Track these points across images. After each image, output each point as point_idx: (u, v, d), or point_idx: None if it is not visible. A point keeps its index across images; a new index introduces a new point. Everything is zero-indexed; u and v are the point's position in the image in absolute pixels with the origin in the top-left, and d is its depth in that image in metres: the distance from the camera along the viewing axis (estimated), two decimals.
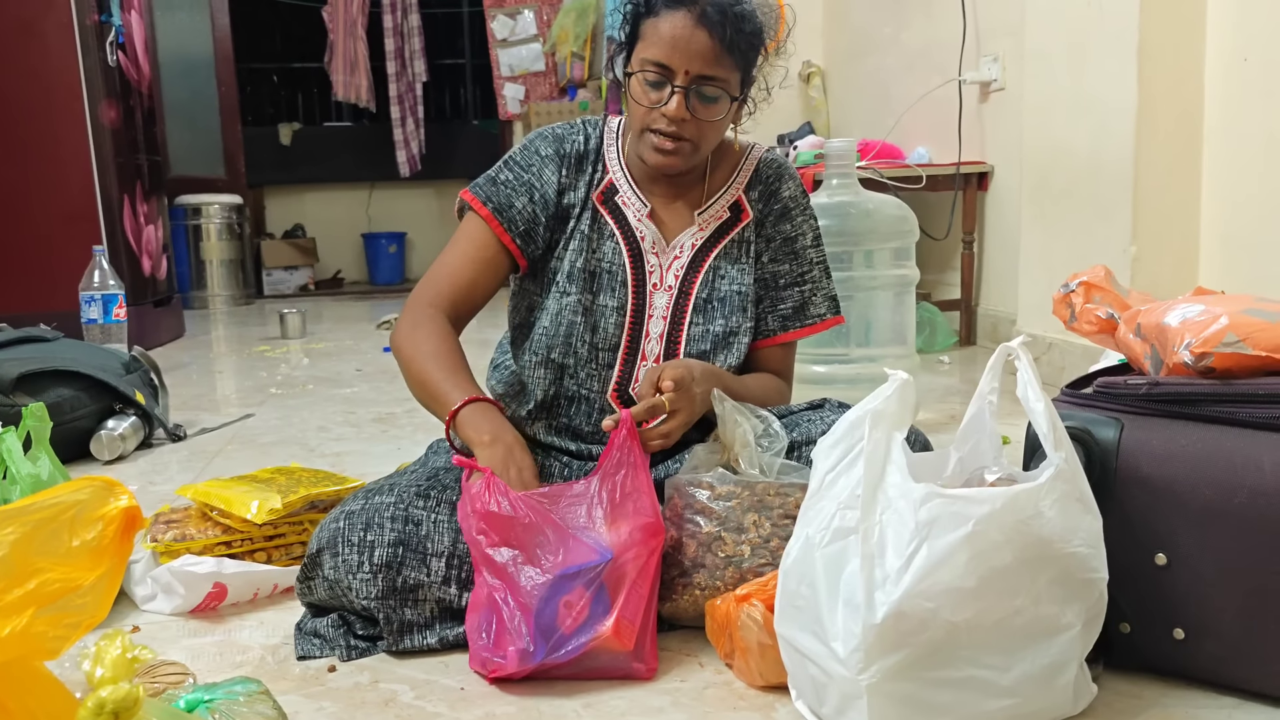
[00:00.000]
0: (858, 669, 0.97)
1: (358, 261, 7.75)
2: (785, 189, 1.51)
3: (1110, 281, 1.34)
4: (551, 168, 1.47)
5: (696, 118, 1.36)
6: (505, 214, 1.45)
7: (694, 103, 1.35)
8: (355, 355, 3.94)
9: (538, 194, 1.46)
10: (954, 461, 1.14)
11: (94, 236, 3.82)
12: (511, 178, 1.47)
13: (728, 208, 1.50)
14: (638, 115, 1.39)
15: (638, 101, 1.37)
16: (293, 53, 8.21)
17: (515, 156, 1.49)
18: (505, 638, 1.14)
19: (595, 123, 1.52)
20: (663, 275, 1.47)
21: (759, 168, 1.52)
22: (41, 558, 0.87)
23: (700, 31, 1.32)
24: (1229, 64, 2.40)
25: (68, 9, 3.79)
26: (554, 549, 1.16)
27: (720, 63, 1.33)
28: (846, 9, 4.57)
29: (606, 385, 1.45)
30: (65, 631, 0.88)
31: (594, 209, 1.47)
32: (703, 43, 1.32)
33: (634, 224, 1.47)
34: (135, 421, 2.38)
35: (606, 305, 1.45)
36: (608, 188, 1.48)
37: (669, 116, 1.35)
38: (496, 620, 1.15)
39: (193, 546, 1.46)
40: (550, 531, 1.17)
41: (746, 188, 1.51)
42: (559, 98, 6.29)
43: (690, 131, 1.36)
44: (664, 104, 1.35)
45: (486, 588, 1.17)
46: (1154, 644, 1.12)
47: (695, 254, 1.48)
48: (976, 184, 3.62)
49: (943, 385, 2.96)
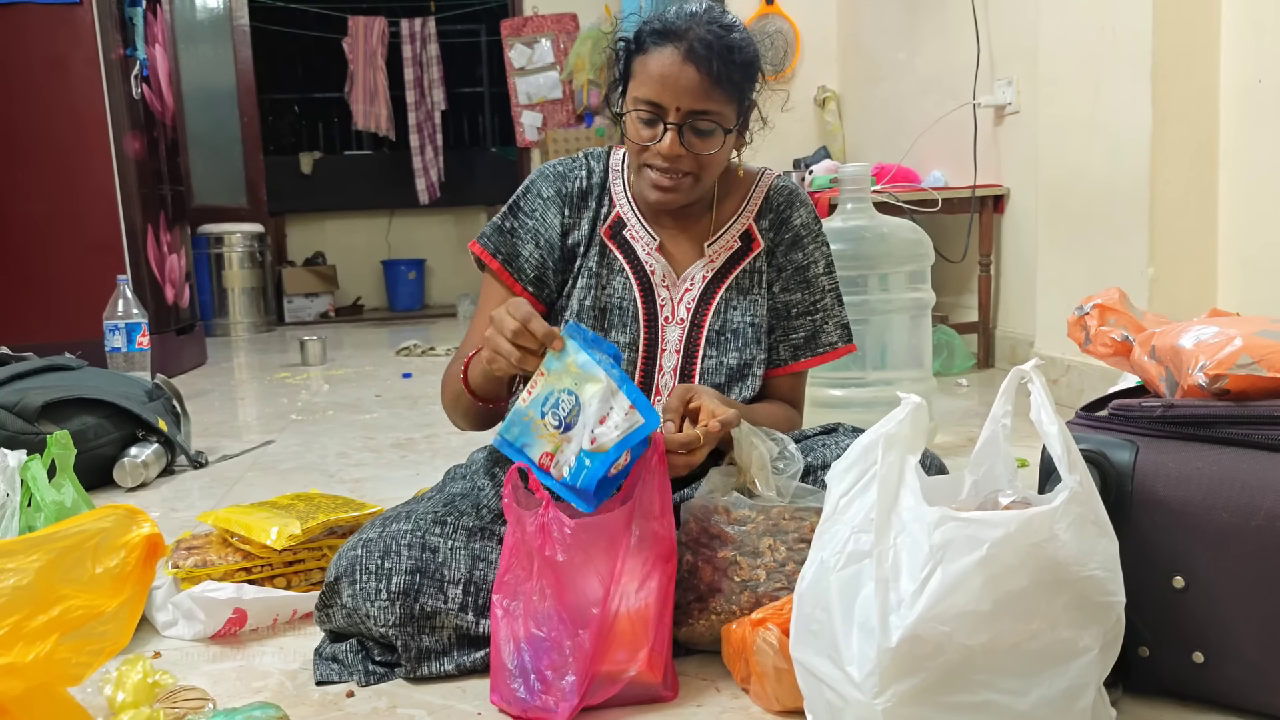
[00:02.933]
0: (873, 693, 0.97)
1: (377, 288, 7.81)
2: (796, 217, 1.50)
3: (1125, 304, 1.34)
4: (554, 209, 1.47)
5: (692, 152, 1.35)
6: (514, 264, 1.46)
7: (688, 138, 1.34)
8: (375, 381, 3.96)
9: (543, 239, 1.46)
10: (968, 485, 1.14)
11: (118, 266, 3.87)
12: (516, 225, 1.47)
13: (738, 237, 1.49)
14: (635, 153, 1.39)
15: (633, 140, 1.37)
16: (313, 83, 8.32)
17: (519, 202, 1.49)
18: (553, 690, 1.13)
19: (599, 155, 1.52)
20: (674, 309, 1.46)
21: (769, 195, 1.51)
22: (65, 585, 0.88)
23: (689, 67, 1.30)
24: (1243, 86, 2.40)
25: (94, 44, 3.86)
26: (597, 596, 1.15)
27: (711, 97, 1.32)
28: (861, 34, 4.59)
29: None
30: (88, 658, 0.90)
31: (601, 244, 1.47)
32: (691, 78, 1.30)
33: (643, 258, 1.47)
34: (158, 449, 2.41)
35: (619, 341, 1.44)
36: (615, 221, 1.48)
37: (663, 154, 1.34)
38: (539, 678, 1.14)
39: (213, 572, 1.47)
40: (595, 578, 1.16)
41: (757, 216, 1.50)
42: (576, 125, 6.34)
43: (688, 165, 1.36)
44: (658, 140, 1.34)
45: (529, 636, 1.15)
46: (1173, 667, 1.11)
47: (706, 286, 1.47)
48: (993, 207, 3.62)
49: (961, 408, 2.95)
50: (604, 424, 1.18)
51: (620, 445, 1.17)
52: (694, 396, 1.30)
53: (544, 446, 1.21)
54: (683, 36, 1.31)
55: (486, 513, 1.36)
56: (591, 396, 1.19)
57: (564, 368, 1.21)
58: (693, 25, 1.32)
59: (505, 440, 1.24)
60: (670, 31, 1.32)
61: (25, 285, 3.89)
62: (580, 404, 1.19)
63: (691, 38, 1.31)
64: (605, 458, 1.17)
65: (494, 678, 1.18)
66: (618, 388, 1.19)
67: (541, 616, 1.15)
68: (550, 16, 6.45)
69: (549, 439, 1.21)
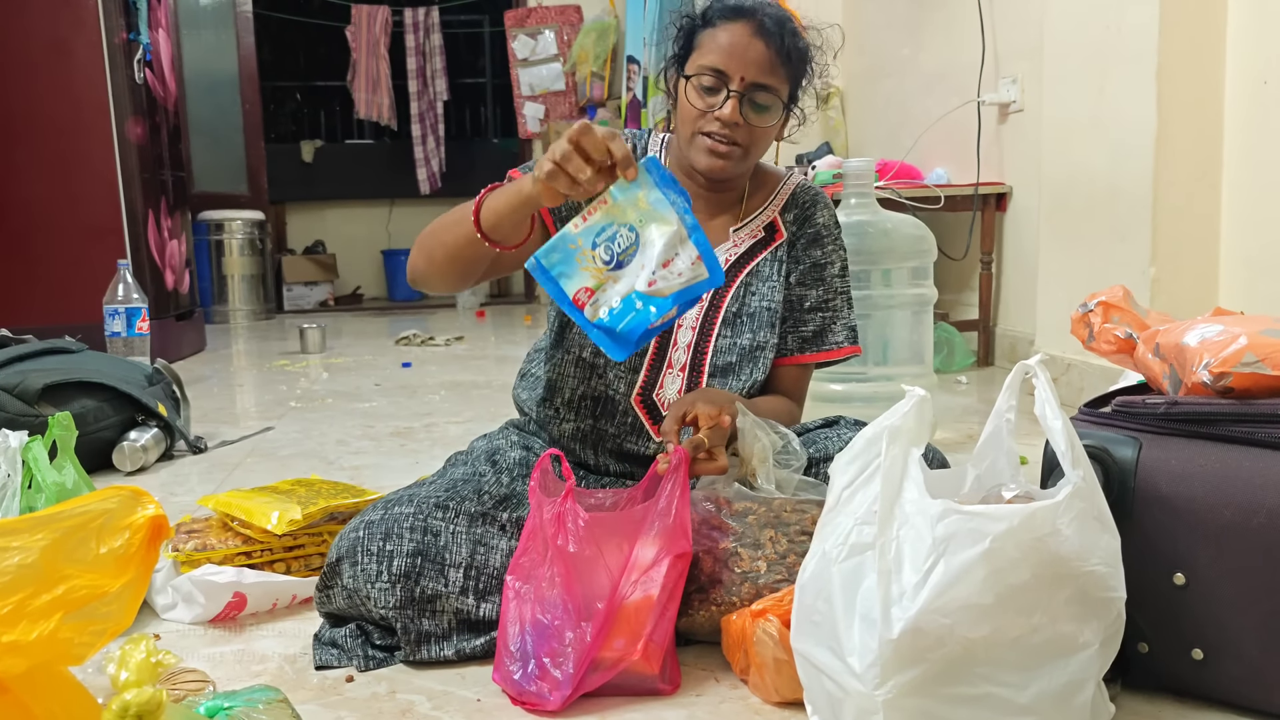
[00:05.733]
0: (874, 684, 0.97)
1: (377, 278, 7.80)
2: (820, 216, 1.55)
3: (1129, 301, 1.34)
4: None
5: (749, 124, 1.40)
6: None
7: (747, 109, 1.39)
8: (374, 370, 3.96)
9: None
10: (971, 478, 1.14)
11: (119, 251, 3.87)
12: None
13: (763, 227, 1.53)
14: (690, 119, 1.42)
15: (693, 105, 1.41)
16: (316, 71, 8.31)
17: None
18: (548, 678, 1.13)
19: (642, 134, 1.56)
20: None
21: (795, 193, 1.56)
22: (69, 564, 0.88)
23: (758, 41, 1.38)
24: (1249, 87, 2.40)
25: (97, 28, 3.86)
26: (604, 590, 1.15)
27: (775, 72, 1.39)
28: (865, 30, 4.59)
29: (631, 389, 1.47)
30: (90, 638, 0.89)
31: None
32: (760, 51, 1.38)
33: None
34: (157, 433, 2.41)
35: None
36: None
37: (723, 120, 1.39)
38: (537, 664, 1.14)
39: (213, 556, 1.48)
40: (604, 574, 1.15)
41: (783, 210, 1.55)
42: (579, 117, 6.34)
43: (742, 137, 1.40)
44: (719, 108, 1.39)
45: (534, 621, 1.16)
46: (1172, 664, 1.12)
47: (729, 268, 1.50)
48: (995, 204, 3.62)
49: (960, 405, 2.95)
50: (667, 268, 1.09)
51: (678, 296, 1.09)
52: (687, 409, 1.32)
53: (584, 281, 1.11)
54: (754, 15, 1.39)
55: (488, 498, 1.36)
56: (657, 237, 1.10)
57: (631, 201, 1.12)
58: (761, 7, 1.40)
59: (541, 266, 1.14)
60: (741, 10, 1.40)
61: (26, 268, 3.89)
62: (640, 242, 1.10)
63: (762, 15, 1.39)
64: (661, 304, 1.09)
65: (497, 656, 1.19)
66: (688, 235, 1.11)
67: (548, 603, 1.15)
68: (554, 8, 6.44)
69: (593, 273, 1.11)
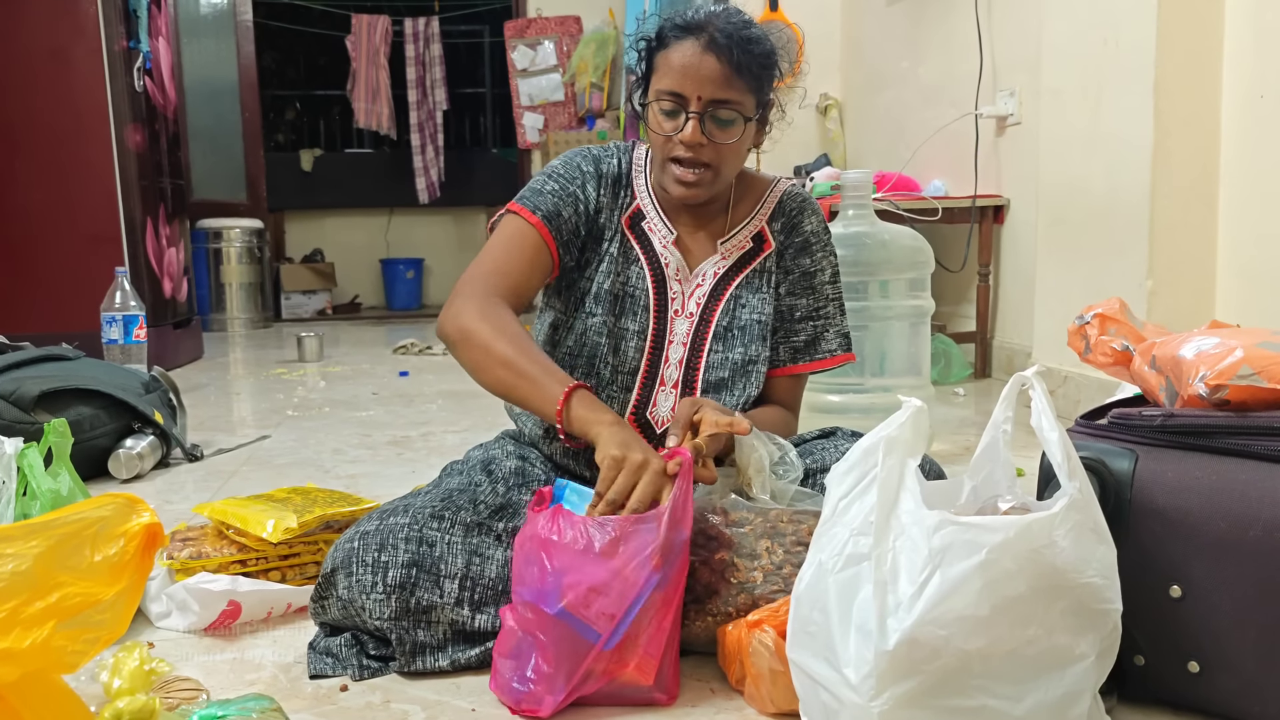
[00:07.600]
0: (870, 696, 0.97)
1: (375, 287, 7.81)
2: (808, 223, 1.54)
3: (1125, 314, 1.34)
4: (593, 184, 1.50)
5: (713, 142, 1.39)
6: (554, 222, 1.46)
7: (709, 127, 1.38)
8: (371, 379, 3.96)
9: (581, 206, 1.48)
10: (968, 490, 1.14)
11: (116, 258, 3.86)
12: (557, 188, 1.48)
13: (750, 238, 1.52)
14: (658, 146, 1.42)
15: (657, 132, 1.41)
16: (316, 80, 8.33)
17: (558, 170, 1.51)
18: (543, 686, 1.13)
19: (626, 148, 1.56)
20: (684, 302, 1.49)
21: (783, 200, 1.55)
22: (63, 572, 0.88)
23: (709, 57, 1.35)
24: (1245, 100, 2.41)
25: (97, 35, 3.86)
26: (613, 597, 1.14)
27: (731, 85, 1.36)
28: (864, 43, 4.60)
29: (624, 408, 1.46)
30: (84, 646, 0.89)
31: (622, 233, 1.50)
32: (712, 67, 1.35)
33: (659, 250, 1.50)
34: (153, 441, 2.40)
35: (628, 329, 1.47)
36: (635, 213, 1.51)
37: (685, 142, 1.38)
38: (534, 668, 1.14)
39: (208, 564, 1.47)
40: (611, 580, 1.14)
41: (770, 219, 1.54)
42: (578, 127, 6.35)
43: (709, 156, 1.39)
44: (680, 131, 1.38)
45: (528, 632, 1.15)
46: (1168, 676, 1.12)
47: (717, 282, 1.50)
48: (992, 217, 3.62)
49: (957, 417, 2.95)
50: None
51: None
52: (699, 409, 1.32)
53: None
54: (703, 29, 1.37)
55: (484, 508, 1.36)
56: None
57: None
58: (712, 19, 1.37)
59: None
60: (691, 25, 1.38)
61: (23, 275, 3.89)
62: None
63: (711, 30, 1.36)
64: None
65: (494, 665, 1.18)
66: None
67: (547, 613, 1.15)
68: (554, 19, 6.46)
69: None
